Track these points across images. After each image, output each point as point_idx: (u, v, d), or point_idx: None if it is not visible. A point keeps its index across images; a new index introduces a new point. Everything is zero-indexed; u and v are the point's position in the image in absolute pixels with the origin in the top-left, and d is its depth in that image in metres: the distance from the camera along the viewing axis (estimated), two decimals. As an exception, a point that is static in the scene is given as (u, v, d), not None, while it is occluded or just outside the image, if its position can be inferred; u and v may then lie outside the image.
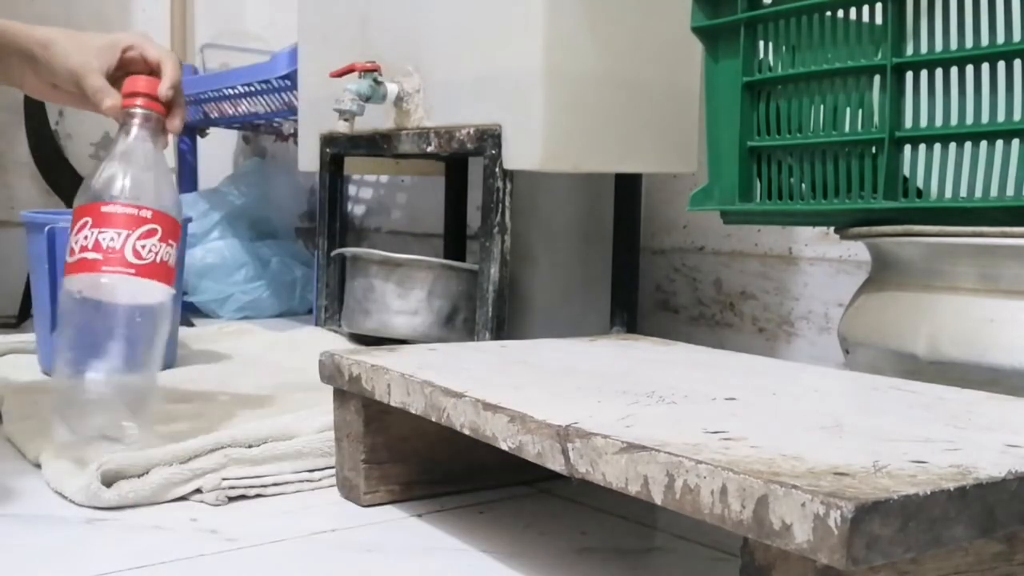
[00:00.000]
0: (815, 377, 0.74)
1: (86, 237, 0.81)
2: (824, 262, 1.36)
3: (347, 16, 1.44)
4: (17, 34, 0.88)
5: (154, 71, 0.90)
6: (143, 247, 0.82)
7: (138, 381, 0.82)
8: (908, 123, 0.78)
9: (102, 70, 0.88)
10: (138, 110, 0.87)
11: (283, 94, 1.71)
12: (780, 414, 0.58)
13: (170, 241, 0.84)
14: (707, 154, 0.94)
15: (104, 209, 0.82)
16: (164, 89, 0.88)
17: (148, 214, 0.83)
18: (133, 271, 0.81)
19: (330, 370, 0.78)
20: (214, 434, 0.80)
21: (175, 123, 0.89)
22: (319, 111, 1.46)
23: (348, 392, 0.77)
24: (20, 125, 2.01)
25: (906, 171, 0.79)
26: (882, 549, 0.40)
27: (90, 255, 0.81)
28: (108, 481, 0.75)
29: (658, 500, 0.48)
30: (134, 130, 0.87)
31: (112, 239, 0.81)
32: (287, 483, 0.80)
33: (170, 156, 2.25)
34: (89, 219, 0.82)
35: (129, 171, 0.85)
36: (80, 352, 0.81)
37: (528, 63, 1.15)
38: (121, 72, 0.90)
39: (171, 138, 0.91)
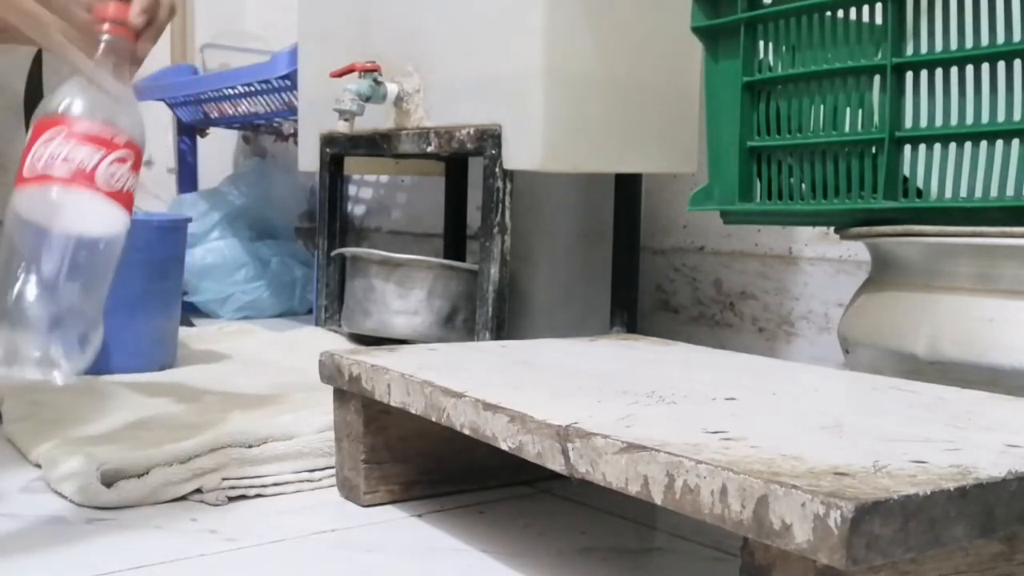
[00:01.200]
0: (815, 377, 0.74)
1: (58, 147, 0.76)
2: (824, 262, 1.36)
3: (347, 16, 1.44)
4: None
5: None
6: (114, 174, 0.78)
7: (81, 310, 0.75)
8: (908, 123, 0.78)
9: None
10: (104, 36, 0.81)
11: (283, 94, 1.71)
12: (780, 414, 0.58)
13: (135, 172, 0.80)
14: (707, 154, 0.94)
15: (78, 127, 0.77)
16: (135, 15, 0.82)
17: (122, 140, 0.79)
18: (103, 192, 0.77)
19: (330, 370, 0.78)
20: (214, 434, 0.80)
21: (144, 47, 0.83)
22: (319, 111, 1.46)
23: (348, 392, 0.77)
24: (20, 125, 2.01)
25: (906, 171, 0.79)
26: (882, 549, 0.40)
27: (58, 168, 0.76)
28: (108, 481, 0.75)
29: (658, 500, 0.48)
30: (101, 56, 0.81)
31: (86, 157, 0.76)
32: (287, 483, 0.80)
33: (170, 156, 2.25)
34: (62, 130, 0.77)
35: (100, 94, 0.79)
36: (23, 273, 0.74)
37: (528, 63, 1.15)
38: None
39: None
